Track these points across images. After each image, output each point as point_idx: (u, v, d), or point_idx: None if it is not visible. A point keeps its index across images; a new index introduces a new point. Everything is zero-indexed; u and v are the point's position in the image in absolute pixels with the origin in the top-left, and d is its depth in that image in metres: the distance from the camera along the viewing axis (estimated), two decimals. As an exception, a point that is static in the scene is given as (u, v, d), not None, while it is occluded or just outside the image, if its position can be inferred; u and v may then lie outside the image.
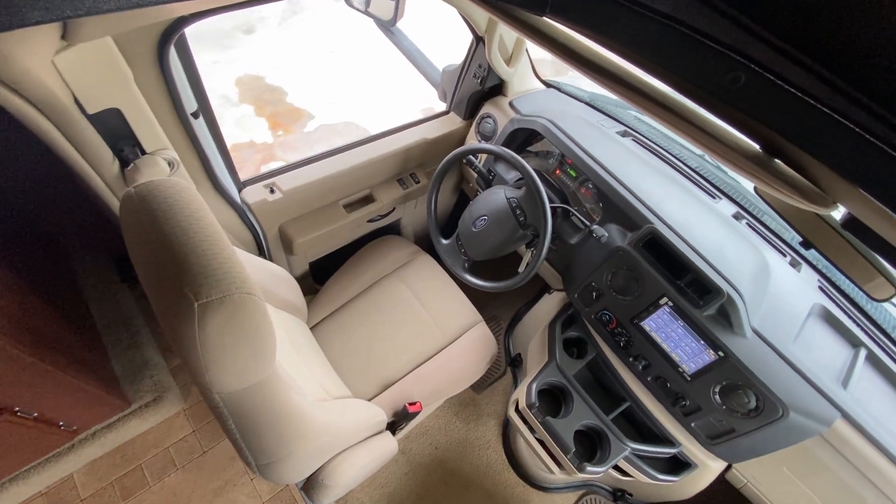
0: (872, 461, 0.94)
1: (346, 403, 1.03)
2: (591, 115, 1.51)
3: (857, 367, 1.08)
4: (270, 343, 0.63)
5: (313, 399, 0.91)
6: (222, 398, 0.65)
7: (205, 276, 0.52)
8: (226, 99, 3.38)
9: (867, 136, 0.44)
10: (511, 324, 2.03)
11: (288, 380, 0.76)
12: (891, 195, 0.44)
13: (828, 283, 1.29)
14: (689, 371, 1.10)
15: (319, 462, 0.83)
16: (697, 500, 1.68)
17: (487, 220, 1.20)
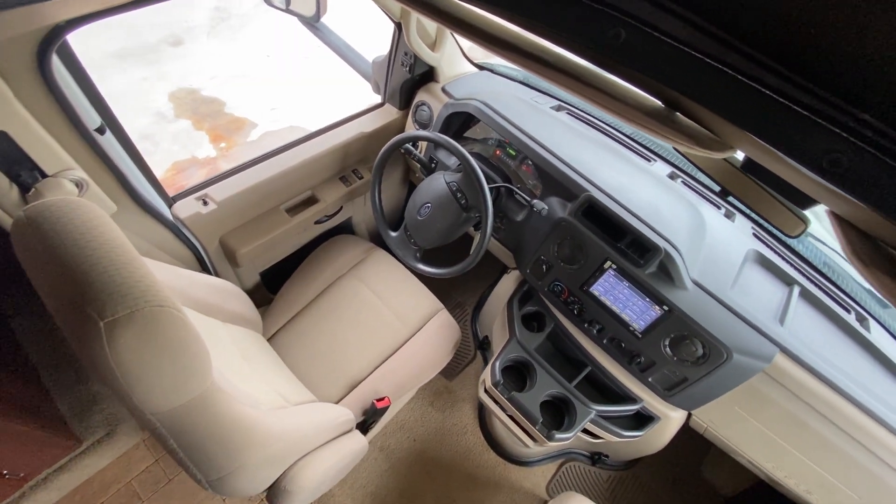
0: (811, 388, 1.01)
1: (307, 408, 1.01)
2: (524, 93, 1.53)
3: (792, 303, 1.14)
4: (200, 356, 0.61)
5: (269, 408, 0.89)
6: (158, 418, 0.63)
7: (108, 293, 0.50)
8: (160, 116, 3.24)
9: (742, 79, 0.46)
10: (476, 308, 2.05)
11: (233, 391, 0.74)
12: (769, 132, 0.47)
13: (761, 229, 1.36)
14: (639, 329, 1.14)
15: (279, 469, 0.82)
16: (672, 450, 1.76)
17: (431, 207, 1.20)
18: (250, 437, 0.71)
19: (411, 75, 1.38)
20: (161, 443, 0.66)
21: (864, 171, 0.42)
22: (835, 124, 0.42)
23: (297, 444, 0.84)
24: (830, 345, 1.10)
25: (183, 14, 4.09)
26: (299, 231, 1.45)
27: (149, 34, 3.79)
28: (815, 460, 1.07)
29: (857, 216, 0.51)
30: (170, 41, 3.82)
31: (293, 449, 0.83)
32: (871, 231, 0.51)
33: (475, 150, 1.43)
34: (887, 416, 0.98)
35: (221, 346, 0.99)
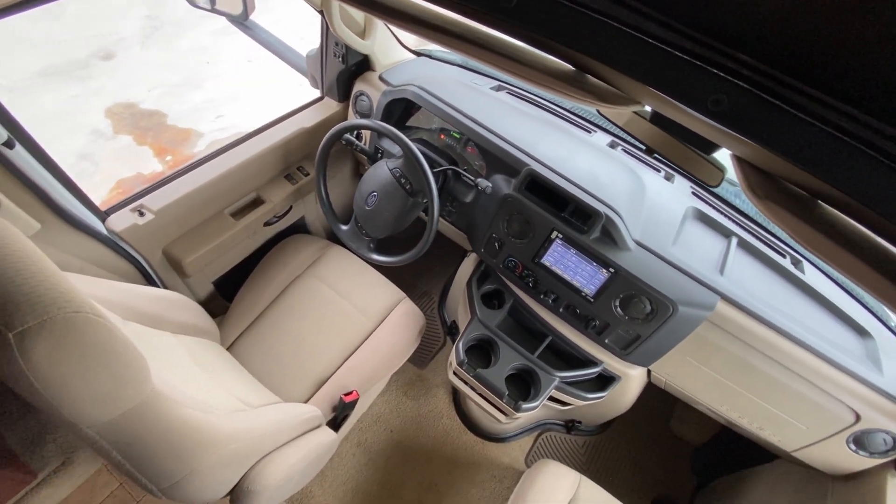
0: (751, 330, 1.06)
1: (268, 408, 1.00)
2: (463, 76, 1.54)
3: (731, 253, 1.20)
4: (133, 363, 0.59)
5: (226, 412, 0.87)
6: (97, 431, 0.61)
7: (14, 303, 0.48)
8: (98, 133, 3.09)
9: (629, 31, 0.48)
10: (442, 295, 2.06)
11: (179, 396, 0.72)
12: (660, 79, 0.49)
13: (699, 186, 1.42)
14: (590, 293, 1.17)
15: (240, 471, 0.81)
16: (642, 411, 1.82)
17: (377, 195, 1.20)
18: (201, 440, 0.69)
19: (345, 66, 1.36)
20: (104, 456, 0.64)
21: (744, 108, 0.45)
22: (716, 67, 0.45)
23: (255, 443, 0.83)
24: (768, 288, 1.16)
25: (111, 26, 3.90)
26: (248, 235, 1.42)
27: (76, 49, 3.60)
28: (762, 397, 1.13)
29: (750, 154, 0.54)
30: (100, 55, 3.64)
31: (252, 449, 0.82)
32: (763, 166, 0.55)
33: (420, 136, 1.44)
34: (823, 348, 1.05)
35: (173, 356, 0.97)
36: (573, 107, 1.58)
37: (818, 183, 0.47)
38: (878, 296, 0.50)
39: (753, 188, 0.53)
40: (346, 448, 1.60)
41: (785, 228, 0.52)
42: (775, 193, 0.52)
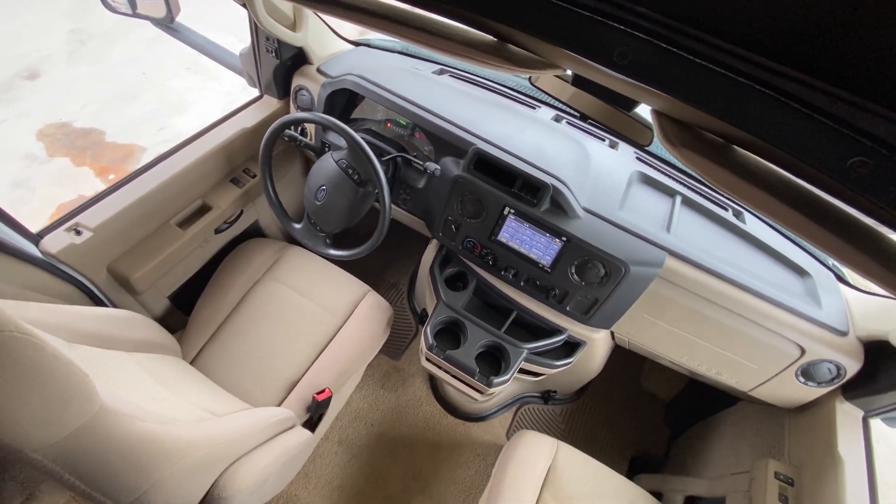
0: (699, 281, 1.12)
1: (235, 415, 0.98)
2: (404, 63, 1.53)
3: (676, 212, 1.25)
4: (73, 380, 0.57)
5: (188, 422, 0.85)
6: (44, 454, 0.59)
7: None
8: (31, 158, 2.91)
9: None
10: (410, 285, 2.06)
11: (133, 411, 0.70)
12: (569, 40, 0.50)
13: (643, 151, 1.47)
14: (547, 264, 1.20)
15: (208, 478, 0.79)
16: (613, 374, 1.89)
17: (326, 189, 1.18)
18: (160, 451, 0.68)
19: (280, 60, 1.33)
20: (57, 480, 0.61)
21: (647, 59, 0.47)
22: (617, 21, 0.46)
23: (222, 449, 0.81)
24: (712, 240, 1.22)
25: (33, 44, 3.66)
26: (199, 244, 1.38)
27: (-2, 69, 3.37)
28: (716, 344, 1.19)
29: (664, 105, 0.57)
30: (24, 75, 3.42)
31: (219, 455, 0.80)
32: (678, 116, 0.57)
33: (367, 126, 1.42)
34: (766, 290, 1.12)
35: (127, 375, 0.94)
36: (517, 85, 1.60)
37: (726, 127, 0.50)
38: (792, 228, 0.54)
39: (668, 137, 0.55)
40: (327, 447, 1.59)
41: (700, 172, 0.54)
42: (690, 141, 0.54)
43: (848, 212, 0.51)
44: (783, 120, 0.42)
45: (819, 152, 0.42)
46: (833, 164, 0.42)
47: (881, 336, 1.05)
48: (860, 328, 1.11)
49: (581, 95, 0.83)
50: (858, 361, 1.09)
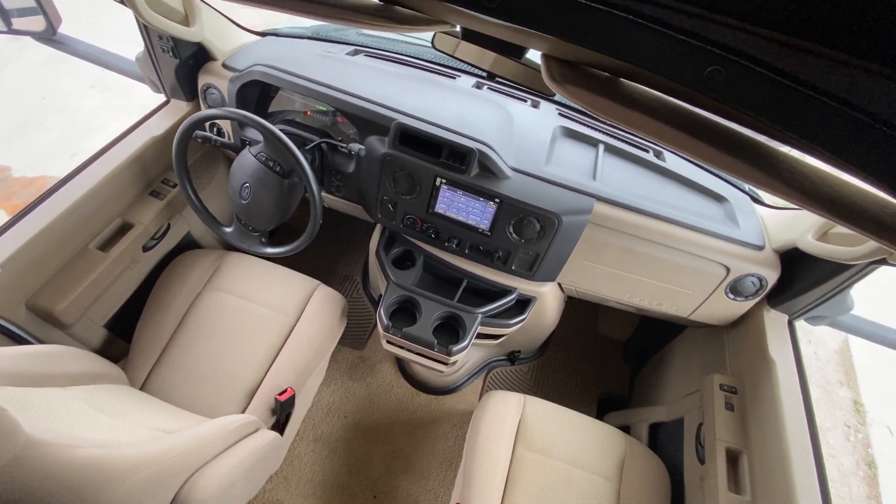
0: (627, 220, 1.17)
1: (189, 429, 0.96)
2: (315, 48, 1.49)
3: (599, 159, 1.30)
4: None
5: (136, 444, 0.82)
6: None
7: None
8: (-73, 206, 2.64)
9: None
10: (364, 273, 2.05)
11: (69, 440, 0.67)
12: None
13: (564, 107, 1.51)
14: (486, 228, 1.22)
15: (166, 493, 0.77)
16: (571, 326, 1.97)
17: (250, 186, 1.15)
18: (103, 473, 0.65)
19: (179, 60, 1.26)
20: None
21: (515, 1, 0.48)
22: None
23: (176, 462, 0.79)
24: (636, 181, 1.28)
25: None
26: (128, 265, 1.30)
27: None
28: (651, 277, 1.26)
29: (548, 47, 0.58)
30: None
31: (174, 469, 0.78)
32: (561, 55, 0.59)
33: (287, 117, 1.38)
34: (689, 219, 1.19)
35: (64, 409, 0.89)
36: (435, 57, 1.59)
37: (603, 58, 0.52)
38: (680, 149, 0.57)
39: (553, 77, 0.57)
40: (303, 447, 1.58)
41: (585, 106, 0.57)
42: (574, 77, 0.56)
43: (725, 125, 0.55)
44: (646, 42, 0.45)
45: (680, 67, 0.45)
46: (693, 76, 0.45)
47: (792, 244, 1.15)
48: (774, 240, 1.21)
49: (483, 54, 0.84)
50: (777, 271, 1.19)
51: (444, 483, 1.56)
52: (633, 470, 1.24)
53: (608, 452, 1.26)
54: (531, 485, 1.19)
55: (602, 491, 1.20)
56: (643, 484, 1.22)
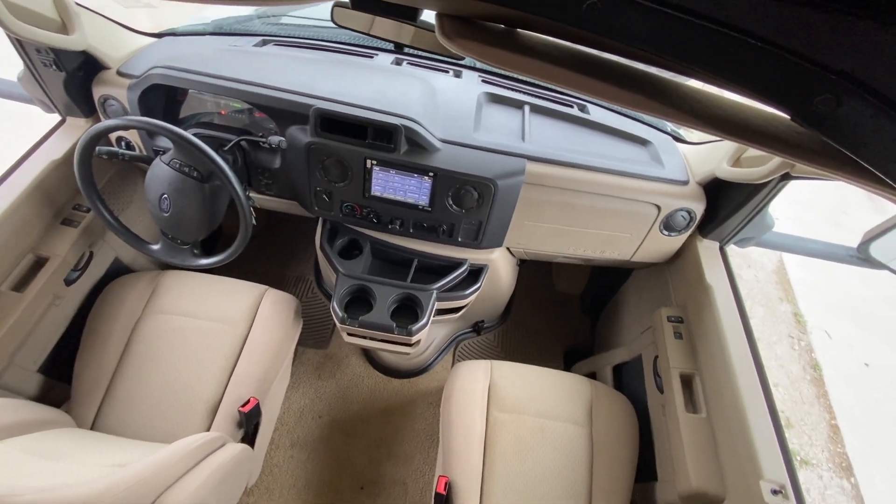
0: (559, 175, 1.20)
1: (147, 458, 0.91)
2: (219, 43, 1.41)
3: (526, 120, 1.32)
4: None
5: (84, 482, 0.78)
6: None
7: None
8: None
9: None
10: (316, 271, 2.01)
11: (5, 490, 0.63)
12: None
13: (487, 73, 1.51)
14: (425, 204, 1.22)
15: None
16: (529, 289, 2.01)
17: (169, 196, 1.08)
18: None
19: (66, 73, 1.15)
20: None
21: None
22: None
23: (134, 491, 0.75)
24: (564, 136, 1.31)
25: None
26: (48, 303, 1.21)
27: None
28: (591, 226, 1.31)
29: (443, 6, 0.57)
30: None
31: (130, 499, 0.75)
32: (454, 11, 0.58)
33: (202, 120, 1.31)
34: (617, 166, 1.23)
35: (3, 461, 0.83)
36: (350, 38, 1.55)
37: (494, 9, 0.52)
38: (580, 90, 0.58)
39: (446, 33, 0.56)
40: (280, 455, 1.55)
41: (484, 59, 0.57)
42: (466, 31, 0.56)
43: (619, 61, 0.56)
44: None
45: (558, 4, 0.46)
46: (572, 11, 0.45)
47: (711, 175, 1.22)
48: (696, 174, 1.28)
49: (401, 28, 0.82)
50: (702, 202, 1.26)
51: (428, 461, 1.58)
52: (602, 411, 1.30)
53: (576, 399, 1.32)
54: (509, 444, 1.22)
55: (576, 436, 1.25)
56: (612, 423, 1.29)
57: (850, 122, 0.40)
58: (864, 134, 0.40)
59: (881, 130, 0.39)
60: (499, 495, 1.15)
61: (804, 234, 1.65)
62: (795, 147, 0.51)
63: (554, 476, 1.19)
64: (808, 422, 2.59)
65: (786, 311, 3.08)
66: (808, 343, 2.93)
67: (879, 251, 1.16)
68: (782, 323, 3.01)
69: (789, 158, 0.52)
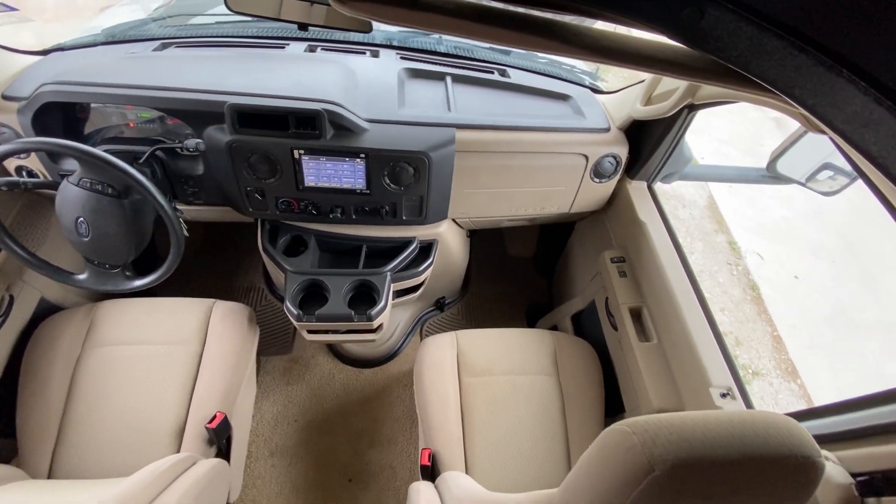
0: (488, 139, 1.23)
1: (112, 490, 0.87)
2: (115, 52, 1.32)
3: (450, 91, 1.33)
4: None
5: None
6: None
7: None
8: None
9: None
10: (266, 277, 1.95)
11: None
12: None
13: (404, 49, 1.50)
14: (363, 187, 1.21)
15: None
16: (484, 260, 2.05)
17: (85, 219, 1.01)
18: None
19: (-61, 103, 1.04)
20: None
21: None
22: None
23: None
24: (488, 102, 1.33)
25: None
26: None
27: None
28: (527, 185, 1.35)
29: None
30: None
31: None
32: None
33: (109, 136, 1.22)
34: (542, 122, 1.27)
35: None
36: (257, 31, 1.49)
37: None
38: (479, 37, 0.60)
39: None
40: (260, 466, 1.52)
41: (381, 19, 0.57)
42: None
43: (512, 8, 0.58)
44: None
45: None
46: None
47: (629, 118, 1.28)
48: (616, 120, 1.34)
49: (311, 10, 0.80)
50: (625, 145, 1.33)
51: (412, 441, 1.61)
52: (566, 359, 1.36)
53: (541, 352, 1.37)
54: (484, 405, 1.26)
55: (546, 386, 1.31)
56: (577, 367, 1.35)
57: (716, 32, 0.44)
58: (731, 42, 0.44)
59: (746, 37, 0.43)
60: (482, 455, 1.19)
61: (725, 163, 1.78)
62: (681, 66, 0.55)
63: (531, 427, 1.25)
64: (754, 337, 2.82)
65: (721, 242, 3.31)
66: (744, 267, 3.18)
67: (785, 167, 1.28)
68: (720, 252, 3.24)
69: (681, 77, 0.56)
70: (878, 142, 0.38)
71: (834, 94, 0.39)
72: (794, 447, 0.48)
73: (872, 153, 0.39)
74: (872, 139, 0.38)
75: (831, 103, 0.40)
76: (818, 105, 0.42)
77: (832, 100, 0.40)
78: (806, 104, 0.42)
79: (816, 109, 0.42)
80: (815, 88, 0.40)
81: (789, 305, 3.00)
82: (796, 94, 0.42)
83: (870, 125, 0.38)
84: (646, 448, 0.47)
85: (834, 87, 0.39)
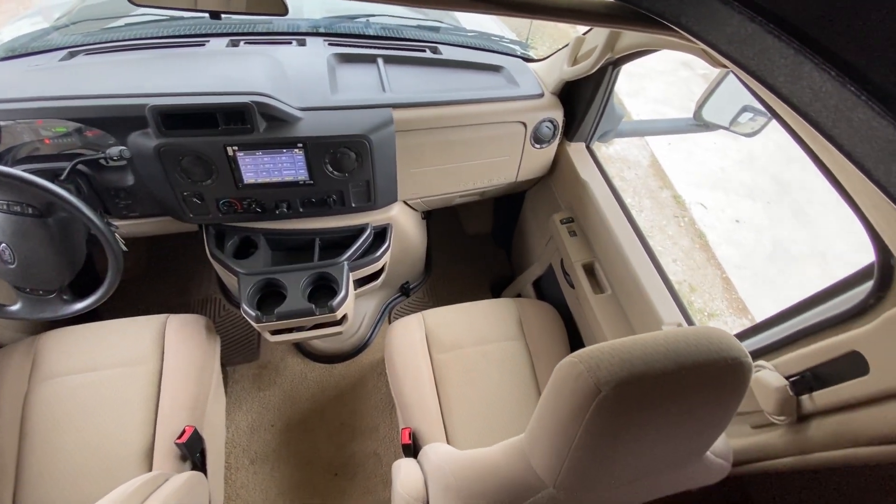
0: (426, 116, 1.23)
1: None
2: (17, 66, 1.23)
3: (383, 72, 1.32)
4: None
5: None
6: None
7: None
8: None
9: None
10: (220, 287, 1.89)
11: None
12: None
13: (332, 35, 1.47)
14: (306, 178, 1.19)
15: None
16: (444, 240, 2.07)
17: (7, 244, 0.94)
18: None
19: None
20: None
21: None
22: None
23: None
24: (422, 79, 1.33)
25: None
26: None
27: None
28: (472, 158, 1.37)
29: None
30: None
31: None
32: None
33: (21, 156, 1.14)
34: (479, 95, 1.29)
35: None
36: (174, 30, 1.42)
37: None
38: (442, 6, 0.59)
39: None
40: (241, 476, 1.49)
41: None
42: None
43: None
44: None
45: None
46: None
47: (560, 81, 1.32)
48: (548, 84, 1.38)
49: None
50: (560, 109, 1.37)
51: (393, 426, 1.62)
52: (531, 322, 1.40)
53: (506, 319, 1.41)
54: (458, 378, 1.28)
55: (514, 350, 1.35)
56: (542, 328, 1.40)
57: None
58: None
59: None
60: (461, 423, 1.21)
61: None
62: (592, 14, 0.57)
63: (506, 392, 1.28)
64: (706, 282, 3.00)
65: (667, 197, 3.48)
66: (690, 218, 3.36)
67: (710, 114, 1.35)
68: (667, 207, 3.40)
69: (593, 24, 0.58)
70: (755, 56, 0.41)
71: (713, 18, 0.42)
72: (722, 351, 0.53)
73: (752, 68, 0.42)
74: (750, 54, 0.42)
75: (712, 26, 0.43)
76: (702, 31, 0.45)
77: (712, 23, 0.43)
78: (692, 31, 0.45)
79: (702, 35, 0.45)
80: (696, 13, 0.44)
81: (734, 248, 3.20)
82: (683, 22, 0.45)
83: (746, 41, 0.41)
84: (591, 373, 0.50)
85: (711, 9, 0.42)
